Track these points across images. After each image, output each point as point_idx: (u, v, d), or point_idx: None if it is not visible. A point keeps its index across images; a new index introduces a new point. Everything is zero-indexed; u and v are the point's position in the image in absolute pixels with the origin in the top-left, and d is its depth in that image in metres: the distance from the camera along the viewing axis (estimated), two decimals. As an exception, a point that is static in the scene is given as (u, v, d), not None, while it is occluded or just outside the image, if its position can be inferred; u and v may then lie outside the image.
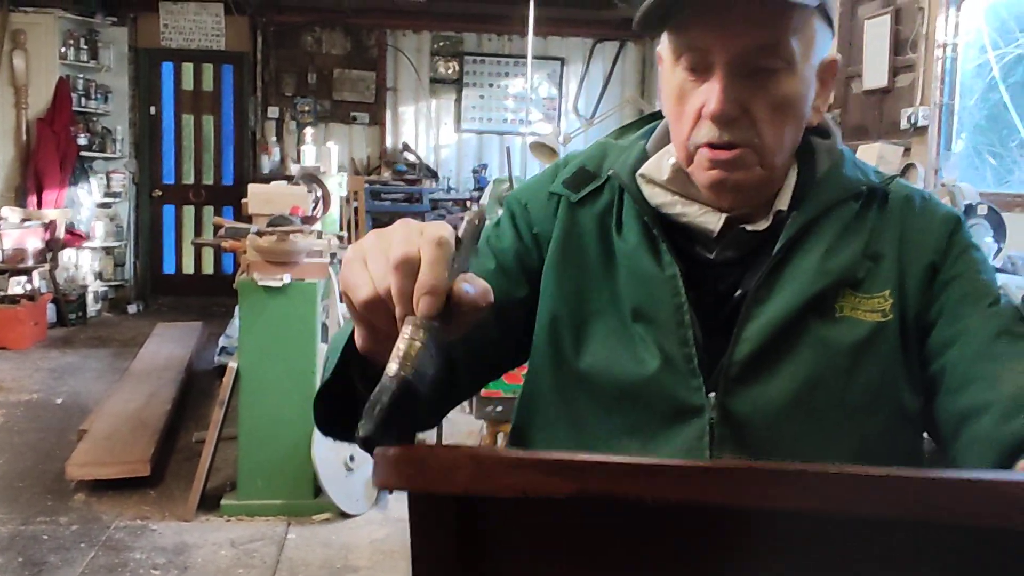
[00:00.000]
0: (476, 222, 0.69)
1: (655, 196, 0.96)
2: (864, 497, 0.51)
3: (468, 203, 7.61)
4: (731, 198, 0.92)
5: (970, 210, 2.84)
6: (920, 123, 4.31)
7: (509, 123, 7.89)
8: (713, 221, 0.93)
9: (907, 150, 4.40)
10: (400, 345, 0.62)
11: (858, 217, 0.94)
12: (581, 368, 0.95)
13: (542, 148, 5.35)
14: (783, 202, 0.95)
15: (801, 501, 0.52)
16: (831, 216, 0.93)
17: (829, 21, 0.92)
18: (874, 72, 4.71)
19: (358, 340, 0.71)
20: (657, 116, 1.06)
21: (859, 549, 0.54)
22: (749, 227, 0.94)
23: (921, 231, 0.94)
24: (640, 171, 0.98)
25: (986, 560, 0.53)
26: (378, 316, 0.66)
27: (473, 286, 0.65)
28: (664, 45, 0.94)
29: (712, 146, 0.89)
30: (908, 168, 4.23)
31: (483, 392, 2.78)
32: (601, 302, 0.96)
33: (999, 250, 2.80)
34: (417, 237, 0.64)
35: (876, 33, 4.67)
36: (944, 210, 0.98)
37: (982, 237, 2.73)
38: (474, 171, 7.99)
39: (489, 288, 0.66)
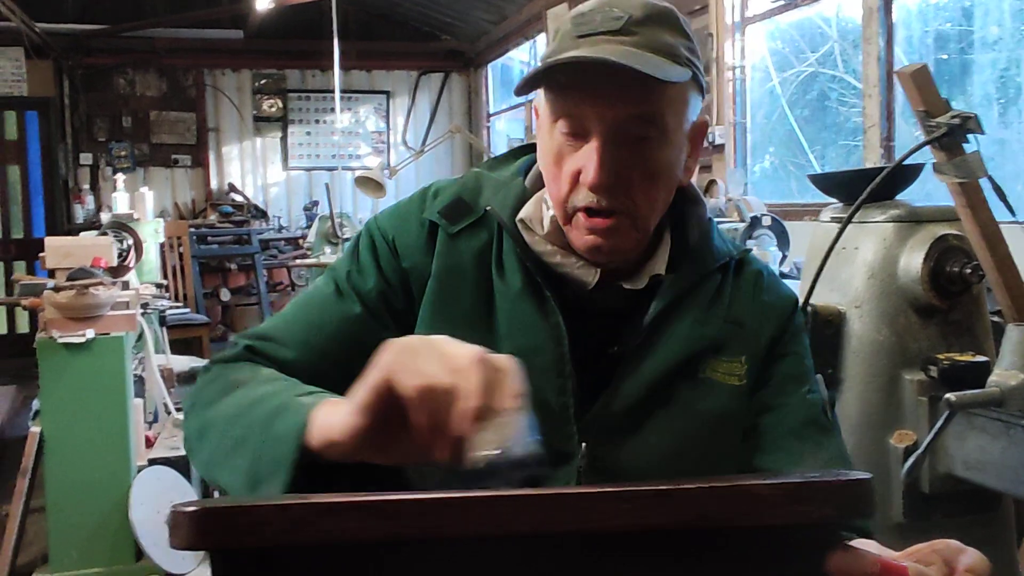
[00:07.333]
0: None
1: (536, 243, 0.97)
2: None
3: (301, 241, 7.48)
4: (606, 260, 0.95)
5: (756, 222, 3.03)
6: (718, 141, 4.58)
7: (338, 158, 7.82)
8: (589, 275, 0.95)
9: (708, 167, 4.66)
10: (512, 427, 0.65)
11: (721, 285, 1.01)
12: None
13: (367, 182, 5.35)
14: (659, 267, 0.98)
15: (621, 520, 0.54)
16: (701, 285, 0.99)
17: (700, 87, 0.95)
18: (675, 95, 4.96)
19: (349, 434, 0.70)
20: (529, 148, 1.07)
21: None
22: (626, 285, 0.97)
23: (769, 306, 1.02)
24: (520, 216, 0.98)
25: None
26: (426, 408, 0.66)
27: None
28: (542, 102, 0.94)
29: (589, 212, 0.91)
30: (710, 184, 4.48)
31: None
32: (477, 344, 0.95)
33: (784, 257, 3.00)
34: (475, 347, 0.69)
35: (674, 58, 4.94)
36: (785, 291, 1.07)
37: (767, 246, 2.92)
38: (305, 208, 7.87)
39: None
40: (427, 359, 0.67)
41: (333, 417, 0.72)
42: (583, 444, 0.92)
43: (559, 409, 0.93)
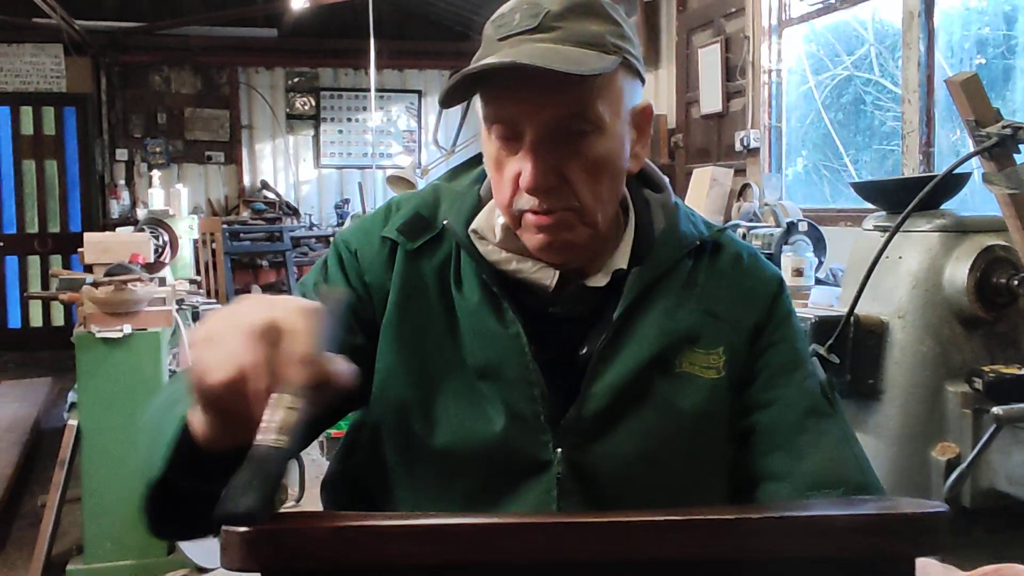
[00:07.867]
0: (339, 298, 0.67)
1: (491, 253, 0.95)
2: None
3: (331, 239, 7.52)
4: (561, 258, 0.93)
5: (792, 227, 3.00)
6: (752, 145, 4.55)
7: (370, 157, 7.86)
8: (548, 277, 0.93)
9: (742, 171, 4.64)
10: (279, 415, 0.58)
11: (693, 272, 0.96)
12: (435, 447, 0.92)
13: (399, 181, 5.36)
14: (622, 260, 0.95)
15: (680, 549, 0.54)
16: (670, 275, 0.95)
17: (636, 71, 0.92)
18: (709, 98, 4.95)
19: (202, 429, 0.68)
20: None
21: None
22: (588, 283, 0.94)
23: (749, 291, 0.98)
24: (472, 227, 0.96)
25: None
26: (238, 398, 0.61)
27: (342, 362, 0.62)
28: (479, 112, 0.92)
29: (534, 212, 0.89)
30: (744, 188, 4.46)
31: (333, 432, 2.75)
32: (444, 362, 0.94)
33: (820, 263, 2.97)
34: (274, 307, 0.61)
35: (709, 61, 4.92)
36: (769, 271, 1.02)
37: (803, 252, 2.89)
38: (336, 206, 7.91)
39: (356, 368, 0.64)
40: (219, 348, 0.62)
41: (195, 415, 0.70)
42: (559, 451, 0.90)
43: (531, 418, 0.91)
